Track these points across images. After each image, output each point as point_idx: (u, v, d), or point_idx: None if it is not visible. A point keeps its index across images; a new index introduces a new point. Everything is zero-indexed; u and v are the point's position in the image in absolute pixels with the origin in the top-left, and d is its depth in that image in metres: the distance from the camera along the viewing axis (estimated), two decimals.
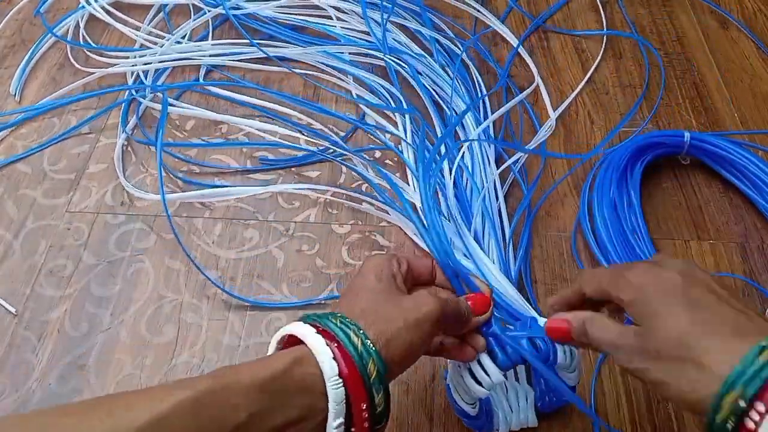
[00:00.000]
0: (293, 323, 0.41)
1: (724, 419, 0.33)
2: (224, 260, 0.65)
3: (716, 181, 0.72)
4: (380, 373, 0.38)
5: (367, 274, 0.44)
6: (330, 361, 0.37)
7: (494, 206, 0.65)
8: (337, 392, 0.37)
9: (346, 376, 0.37)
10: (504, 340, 0.46)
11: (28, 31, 0.88)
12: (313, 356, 0.38)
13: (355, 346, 0.39)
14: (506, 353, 0.45)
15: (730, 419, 0.33)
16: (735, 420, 0.33)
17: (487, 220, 0.62)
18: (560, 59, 0.85)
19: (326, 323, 0.40)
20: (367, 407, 0.38)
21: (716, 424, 0.33)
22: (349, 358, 0.38)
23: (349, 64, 0.80)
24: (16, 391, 0.56)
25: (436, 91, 0.77)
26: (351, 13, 0.85)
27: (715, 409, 0.33)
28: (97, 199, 0.70)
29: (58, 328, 0.60)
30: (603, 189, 0.67)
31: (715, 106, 0.80)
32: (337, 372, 0.37)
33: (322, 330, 0.39)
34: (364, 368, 0.38)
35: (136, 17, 0.87)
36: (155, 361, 0.58)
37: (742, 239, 0.67)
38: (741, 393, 0.32)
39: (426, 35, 0.82)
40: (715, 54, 0.86)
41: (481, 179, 0.66)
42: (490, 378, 0.45)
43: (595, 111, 0.79)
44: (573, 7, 0.92)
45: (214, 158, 0.73)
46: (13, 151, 0.74)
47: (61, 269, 0.64)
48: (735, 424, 0.33)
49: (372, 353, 0.39)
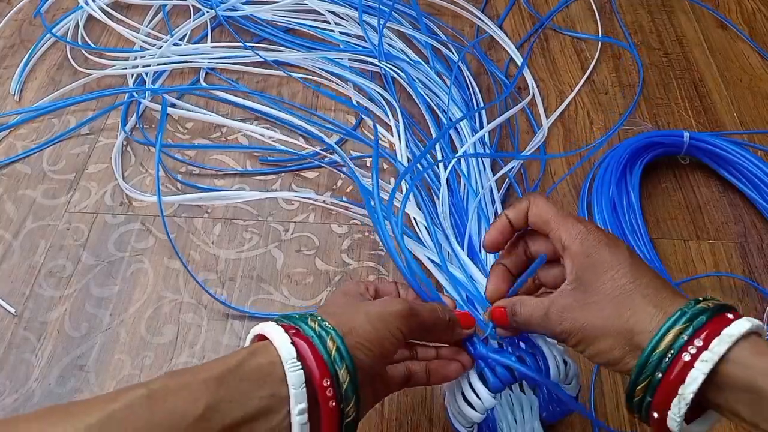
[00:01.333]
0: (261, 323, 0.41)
1: (663, 352, 0.36)
2: (224, 260, 0.65)
3: (715, 180, 0.72)
4: (341, 349, 0.38)
5: (335, 295, 0.47)
6: (287, 345, 0.37)
7: (491, 211, 0.65)
8: (295, 374, 0.36)
9: (303, 355, 0.37)
10: (492, 362, 0.45)
11: (27, 31, 0.88)
12: (272, 346, 0.38)
13: (312, 328, 0.39)
14: (497, 375, 0.45)
15: (671, 350, 0.35)
16: (672, 354, 0.35)
17: (483, 226, 0.62)
18: (560, 59, 0.85)
19: (287, 318, 0.41)
20: (331, 383, 0.37)
21: (652, 359, 0.36)
22: (306, 339, 0.38)
23: (346, 69, 0.80)
24: (15, 391, 0.56)
25: (431, 99, 0.76)
26: (347, 19, 0.85)
27: (658, 341, 0.36)
28: (97, 199, 0.70)
29: (58, 328, 0.60)
30: (602, 189, 0.67)
31: (714, 105, 0.80)
32: (294, 355, 0.37)
33: (282, 324, 0.40)
34: (323, 345, 0.38)
35: (135, 17, 0.87)
36: (155, 361, 0.58)
37: (741, 239, 0.67)
38: (684, 327, 0.36)
39: (422, 41, 0.82)
40: (715, 54, 0.86)
41: (478, 184, 0.66)
42: (483, 402, 0.45)
43: (594, 111, 0.79)
44: (573, 9, 0.92)
45: (214, 158, 0.73)
46: (13, 151, 0.74)
47: (61, 269, 0.64)
48: (671, 359, 0.35)
49: (329, 331, 0.39)
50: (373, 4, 0.85)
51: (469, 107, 0.76)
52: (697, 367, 0.34)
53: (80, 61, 0.83)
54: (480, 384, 0.45)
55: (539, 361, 0.45)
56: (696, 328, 0.36)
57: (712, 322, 0.36)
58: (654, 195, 0.71)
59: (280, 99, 0.78)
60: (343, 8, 0.86)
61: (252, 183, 0.71)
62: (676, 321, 0.36)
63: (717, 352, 0.34)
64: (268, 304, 0.62)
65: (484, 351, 0.45)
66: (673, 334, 0.36)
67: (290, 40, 0.83)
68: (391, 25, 0.84)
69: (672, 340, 0.36)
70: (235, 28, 0.84)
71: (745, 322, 0.35)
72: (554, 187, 0.71)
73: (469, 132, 0.72)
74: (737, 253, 0.66)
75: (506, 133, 0.76)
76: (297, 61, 0.81)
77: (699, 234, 0.68)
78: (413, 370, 0.46)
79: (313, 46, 0.83)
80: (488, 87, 0.81)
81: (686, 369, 0.35)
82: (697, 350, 0.35)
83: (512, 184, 0.70)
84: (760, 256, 0.66)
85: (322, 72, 0.81)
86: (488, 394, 0.45)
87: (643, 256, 0.62)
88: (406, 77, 0.77)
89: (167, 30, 0.86)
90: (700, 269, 0.65)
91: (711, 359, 0.34)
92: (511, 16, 0.91)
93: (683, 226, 0.68)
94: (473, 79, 0.80)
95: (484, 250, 0.48)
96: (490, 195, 0.67)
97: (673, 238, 0.67)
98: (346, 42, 0.83)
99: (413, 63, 0.79)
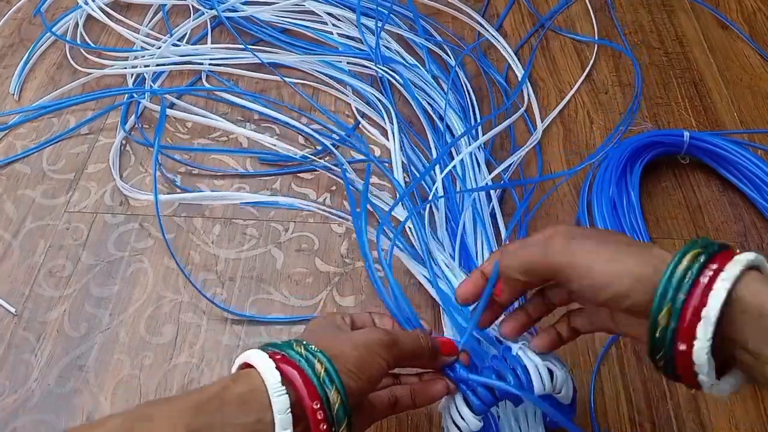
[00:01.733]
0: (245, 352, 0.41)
1: (683, 272, 0.36)
2: (223, 260, 0.65)
3: (715, 180, 0.72)
4: (329, 372, 0.38)
5: (312, 326, 0.47)
6: (272, 370, 0.37)
7: (486, 212, 0.64)
8: (280, 399, 0.36)
9: (291, 379, 0.37)
10: (473, 384, 0.45)
11: (27, 30, 0.88)
12: (256, 372, 0.37)
13: (298, 352, 0.39)
14: (480, 398, 0.45)
15: (690, 270, 0.36)
16: (692, 275, 0.35)
17: (479, 227, 0.61)
18: (560, 59, 0.85)
19: (272, 345, 0.40)
20: (321, 406, 0.37)
21: (674, 276, 0.36)
22: (293, 363, 0.38)
23: (344, 72, 0.79)
24: (15, 391, 0.56)
25: (429, 103, 0.76)
26: (345, 21, 0.85)
27: (676, 263, 0.36)
28: (96, 199, 0.69)
29: (57, 328, 0.60)
30: (602, 188, 0.67)
31: (714, 105, 0.80)
32: (279, 380, 0.37)
33: (267, 351, 0.39)
34: (311, 368, 0.38)
35: (135, 17, 0.87)
36: (154, 361, 0.58)
37: (741, 238, 0.67)
38: (700, 252, 0.36)
39: (420, 44, 0.82)
40: (715, 53, 0.86)
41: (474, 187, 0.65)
42: (468, 425, 0.45)
43: (595, 110, 0.79)
44: (573, 8, 0.92)
45: (213, 158, 0.73)
46: (12, 150, 0.74)
47: (60, 269, 0.64)
48: (691, 280, 0.35)
49: (318, 355, 0.39)
50: (372, 6, 0.84)
51: (466, 112, 0.75)
52: (716, 287, 0.35)
53: (80, 60, 0.82)
54: (465, 407, 0.45)
55: (521, 374, 0.44)
56: (710, 253, 0.36)
57: (723, 252, 0.37)
58: (654, 194, 0.71)
59: (278, 102, 0.78)
60: (341, 10, 0.85)
61: (251, 183, 0.71)
62: (691, 246, 0.37)
63: (733, 273, 0.35)
64: (268, 305, 0.62)
65: (464, 374, 0.45)
66: (691, 256, 0.36)
67: (288, 41, 0.83)
68: (390, 29, 0.84)
69: (690, 262, 0.36)
70: (235, 29, 0.84)
71: (750, 254, 0.36)
72: (555, 188, 0.71)
73: (466, 138, 0.71)
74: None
75: (506, 133, 0.76)
76: (295, 64, 0.81)
77: (699, 233, 0.68)
78: (398, 395, 0.45)
79: (311, 48, 0.82)
80: (487, 90, 0.81)
81: (707, 290, 0.35)
82: (714, 272, 0.35)
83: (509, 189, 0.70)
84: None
85: (320, 75, 0.81)
86: (473, 417, 0.45)
87: None
88: (402, 81, 0.76)
89: (167, 30, 0.86)
90: None
91: (729, 278, 0.35)
92: (511, 15, 0.91)
93: (683, 225, 0.68)
94: (469, 83, 0.79)
95: (457, 303, 0.47)
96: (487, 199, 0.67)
97: (674, 237, 0.67)
98: (345, 44, 0.82)
99: (410, 66, 0.79)
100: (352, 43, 0.83)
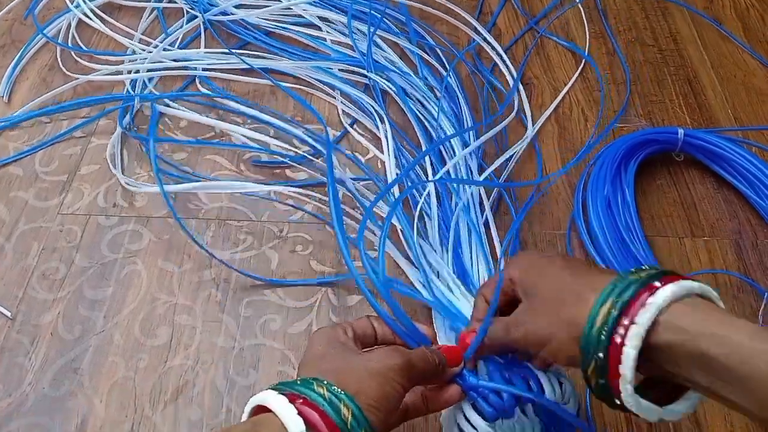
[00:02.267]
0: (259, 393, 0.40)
1: (599, 330, 0.36)
2: (218, 261, 0.64)
3: (710, 177, 0.72)
4: (356, 416, 0.37)
5: (317, 346, 0.44)
6: (294, 417, 0.36)
7: (479, 219, 0.64)
8: None
9: (316, 426, 0.36)
10: (484, 390, 0.45)
11: (18, 31, 0.87)
12: (276, 418, 0.36)
13: (321, 395, 0.37)
14: (491, 404, 0.44)
15: (603, 329, 0.36)
16: (607, 332, 0.35)
17: (473, 234, 0.61)
18: (554, 56, 0.85)
19: (288, 385, 0.39)
20: None
21: (591, 335, 0.36)
22: (317, 408, 0.37)
23: (336, 79, 0.78)
24: (9, 395, 0.56)
25: (420, 109, 0.75)
26: (338, 24, 0.84)
27: (591, 323, 0.36)
28: (90, 200, 0.69)
29: (51, 331, 0.60)
30: (597, 187, 0.67)
31: (708, 102, 0.80)
32: (302, 428, 0.35)
33: (286, 393, 0.38)
34: (336, 413, 0.37)
35: (126, 18, 0.87)
36: (149, 363, 0.58)
37: (736, 236, 0.67)
38: (613, 303, 0.36)
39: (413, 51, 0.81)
40: (708, 50, 0.86)
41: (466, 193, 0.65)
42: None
43: (589, 108, 0.79)
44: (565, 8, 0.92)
45: (208, 159, 0.73)
46: (5, 153, 0.73)
47: (54, 272, 0.64)
48: (606, 337, 0.35)
49: (342, 397, 0.38)
50: (365, 10, 0.84)
51: (458, 117, 0.75)
52: (628, 344, 0.34)
53: (71, 62, 0.82)
54: (474, 414, 0.45)
55: (532, 383, 0.44)
56: (624, 303, 0.36)
57: (639, 294, 0.36)
58: (649, 192, 0.71)
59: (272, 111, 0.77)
60: (333, 14, 0.84)
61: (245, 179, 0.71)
62: (607, 296, 0.37)
63: (643, 324, 0.34)
64: (263, 306, 0.62)
65: (475, 381, 0.45)
66: (604, 312, 0.36)
67: (280, 47, 0.82)
68: (383, 34, 0.83)
69: (604, 319, 0.36)
70: (226, 33, 0.84)
71: (672, 287, 0.35)
72: (549, 185, 0.71)
73: (459, 145, 0.70)
74: (732, 249, 0.66)
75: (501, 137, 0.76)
76: (287, 69, 0.80)
77: (694, 231, 0.68)
78: (408, 403, 0.45)
79: (304, 54, 0.82)
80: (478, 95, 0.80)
81: (621, 347, 0.35)
82: (627, 326, 0.35)
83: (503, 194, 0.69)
84: (754, 252, 0.66)
85: (313, 80, 0.80)
86: (485, 424, 0.44)
87: (638, 253, 0.62)
88: (395, 87, 0.75)
89: (160, 30, 0.85)
90: (695, 266, 0.65)
91: (638, 334, 0.34)
92: (504, 12, 0.91)
93: (678, 223, 0.68)
94: (462, 87, 0.78)
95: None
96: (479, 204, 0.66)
97: (668, 235, 0.67)
98: (337, 50, 0.82)
99: (403, 73, 0.78)
100: (344, 49, 0.82)
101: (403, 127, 0.75)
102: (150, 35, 0.85)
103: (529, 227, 0.67)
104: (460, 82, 0.80)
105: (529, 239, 0.67)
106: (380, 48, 0.82)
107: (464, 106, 0.76)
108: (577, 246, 0.66)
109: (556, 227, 0.68)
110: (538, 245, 0.66)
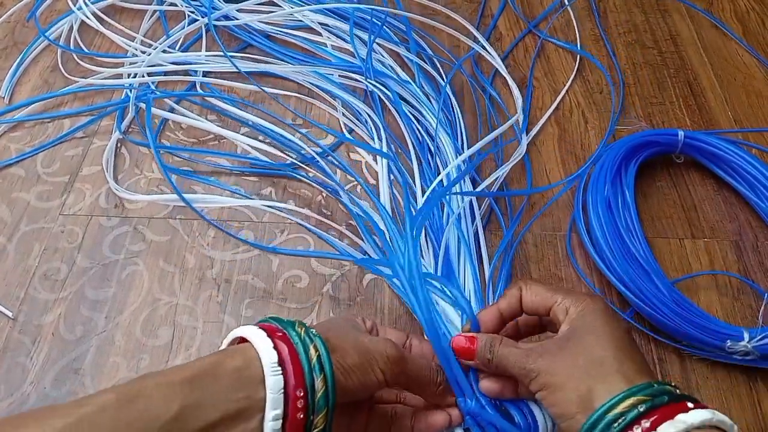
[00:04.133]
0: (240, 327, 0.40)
1: (616, 416, 0.36)
2: (219, 262, 0.65)
3: (710, 179, 0.72)
4: (322, 357, 0.38)
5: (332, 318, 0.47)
6: (269, 349, 0.37)
7: (470, 231, 0.64)
8: (275, 379, 0.36)
9: (284, 359, 0.36)
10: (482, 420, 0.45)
11: (20, 33, 0.88)
12: (252, 348, 0.37)
13: (298, 333, 0.38)
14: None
15: (621, 418, 0.36)
16: (623, 422, 0.36)
17: (462, 246, 0.61)
18: (554, 58, 0.85)
19: (275, 320, 0.40)
20: (304, 395, 0.36)
21: (604, 419, 0.36)
22: (289, 343, 0.37)
23: (335, 85, 0.78)
24: (10, 395, 0.56)
25: (418, 119, 0.75)
26: (339, 30, 0.84)
27: (610, 407, 0.37)
28: (91, 201, 0.69)
29: (53, 331, 0.60)
30: (597, 188, 0.67)
31: (708, 104, 0.80)
32: (275, 359, 0.36)
33: (266, 326, 0.39)
34: (305, 351, 0.37)
35: (128, 21, 0.87)
36: (151, 363, 0.58)
37: (736, 237, 0.67)
38: (642, 401, 0.36)
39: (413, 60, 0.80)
40: (709, 52, 0.86)
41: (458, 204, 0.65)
42: None
43: (589, 110, 0.79)
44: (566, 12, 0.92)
45: (209, 158, 0.73)
46: (7, 154, 0.73)
47: (55, 272, 0.64)
48: (621, 426, 0.36)
49: (315, 338, 0.38)
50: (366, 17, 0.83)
51: (453, 128, 0.74)
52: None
53: (72, 65, 0.82)
54: None
55: (528, 418, 0.44)
56: (655, 405, 0.36)
57: (671, 406, 0.36)
58: (649, 194, 0.71)
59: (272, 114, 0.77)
60: (334, 20, 0.84)
61: (246, 184, 0.71)
62: (639, 391, 0.37)
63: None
64: (264, 307, 0.62)
65: (477, 408, 0.45)
66: (631, 402, 0.36)
67: (280, 51, 0.82)
68: (383, 42, 0.83)
69: (628, 408, 0.36)
70: (228, 36, 0.83)
71: (704, 413, 0.35)
72: (555, 197, 0.71)
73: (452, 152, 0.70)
74: (732, 251, 0.66)
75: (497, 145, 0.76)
76: (286, 74, 0.80)
77: (694, 232, 0.68)
78: (398, 413, 0.45)
79: (304, 59, 0.82)
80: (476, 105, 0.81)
81: None
82: (648, 429, 0.35)
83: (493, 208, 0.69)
84: (755, 254, 0.66)
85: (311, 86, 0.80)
86: None
87: (639, 255, 0.62)
88: (393, 98, 0.75)
89: (162, 32, 0.86)
90: (696, 268, 0.65)
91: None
92: (505, 15, 0.91)
93: (678, 224, 0.68)
94: (455, 99, 0.78)
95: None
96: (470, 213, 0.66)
97: (669, 236, 0.67)
98: (338, 57, 0.82)
99: (401, 82, 0.77)
100: (346, 56, 0.82)
101: (399, 136, 0.75)
102: (152, 38, 0.85)
103: (529, 228, 0.67)
104: (459, 92, 0.80)
105: (529, 239, 0.67)
106: (381, 56, 0.82)
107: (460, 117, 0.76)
108: (577, 247, 0.66)
109: (556, 228, 0.68)
110: (538, 246, 0.66)
